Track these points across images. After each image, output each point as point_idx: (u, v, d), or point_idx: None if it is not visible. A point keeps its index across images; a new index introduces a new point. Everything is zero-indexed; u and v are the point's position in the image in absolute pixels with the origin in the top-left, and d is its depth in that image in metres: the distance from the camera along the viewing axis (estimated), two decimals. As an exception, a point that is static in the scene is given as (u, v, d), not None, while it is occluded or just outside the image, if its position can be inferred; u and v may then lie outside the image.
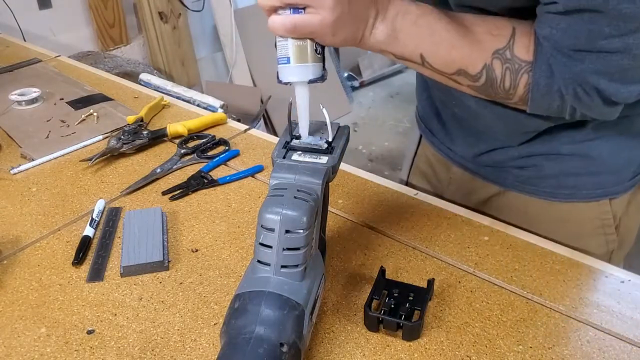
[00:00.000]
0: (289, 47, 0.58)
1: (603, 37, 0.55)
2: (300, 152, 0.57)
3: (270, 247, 0.51)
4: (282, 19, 0.57)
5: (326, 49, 0.60)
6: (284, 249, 0.51)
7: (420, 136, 1.00)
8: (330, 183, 0.57)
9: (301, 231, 0.51)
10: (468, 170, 0.88)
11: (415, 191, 0.82)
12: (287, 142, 0.59)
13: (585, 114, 0.63)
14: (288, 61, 0.58)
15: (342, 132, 0.60)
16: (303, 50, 0.58)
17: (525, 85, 0.62)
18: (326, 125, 0.58)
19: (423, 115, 0.97)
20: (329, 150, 0.57)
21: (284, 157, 0.57)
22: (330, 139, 0.57)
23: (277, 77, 0.59)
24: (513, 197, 0.83)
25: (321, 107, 0.60)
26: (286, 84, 0.60)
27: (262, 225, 0.51)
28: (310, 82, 0.59)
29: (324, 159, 0.56)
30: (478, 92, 0.66)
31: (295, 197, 0.51)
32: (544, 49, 0.60)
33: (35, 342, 0.59)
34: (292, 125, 0.60)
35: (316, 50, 0.59)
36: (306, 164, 0.55)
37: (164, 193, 0.83)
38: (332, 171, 0.56)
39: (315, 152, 0.57)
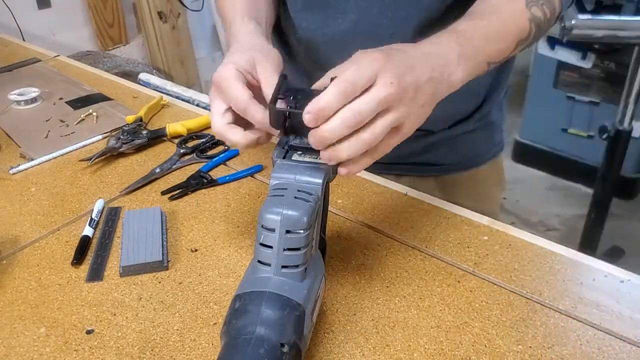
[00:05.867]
0: None
1: None
2: (300, 152, 0.57)
3: (270, 247, 0.51)
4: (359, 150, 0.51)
5: None
6: (284, 249, 0.51)
7: None
8: (330, 183, 0.57)
9: (302, 231, 0.51)
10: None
11: (405, 189, 0.82)
12: (287, 142, 0.59)
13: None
14: None
15: None
16: None
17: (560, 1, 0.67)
18: None
19: None
20: None
21: (284, 157, 0.57)
22: None
23: None
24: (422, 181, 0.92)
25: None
26: None
27: (262, 226, 0.51)
28: None
29: None
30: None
31: (295, 197, 0.51)
32: None
33: (35, 342, 0.59)
34: None
35: None
36: (306, 164, 0.55)
37: (164, 193, 0.83)
38: (332, 171, 0.55)
39: (316, 152, 0.57)
